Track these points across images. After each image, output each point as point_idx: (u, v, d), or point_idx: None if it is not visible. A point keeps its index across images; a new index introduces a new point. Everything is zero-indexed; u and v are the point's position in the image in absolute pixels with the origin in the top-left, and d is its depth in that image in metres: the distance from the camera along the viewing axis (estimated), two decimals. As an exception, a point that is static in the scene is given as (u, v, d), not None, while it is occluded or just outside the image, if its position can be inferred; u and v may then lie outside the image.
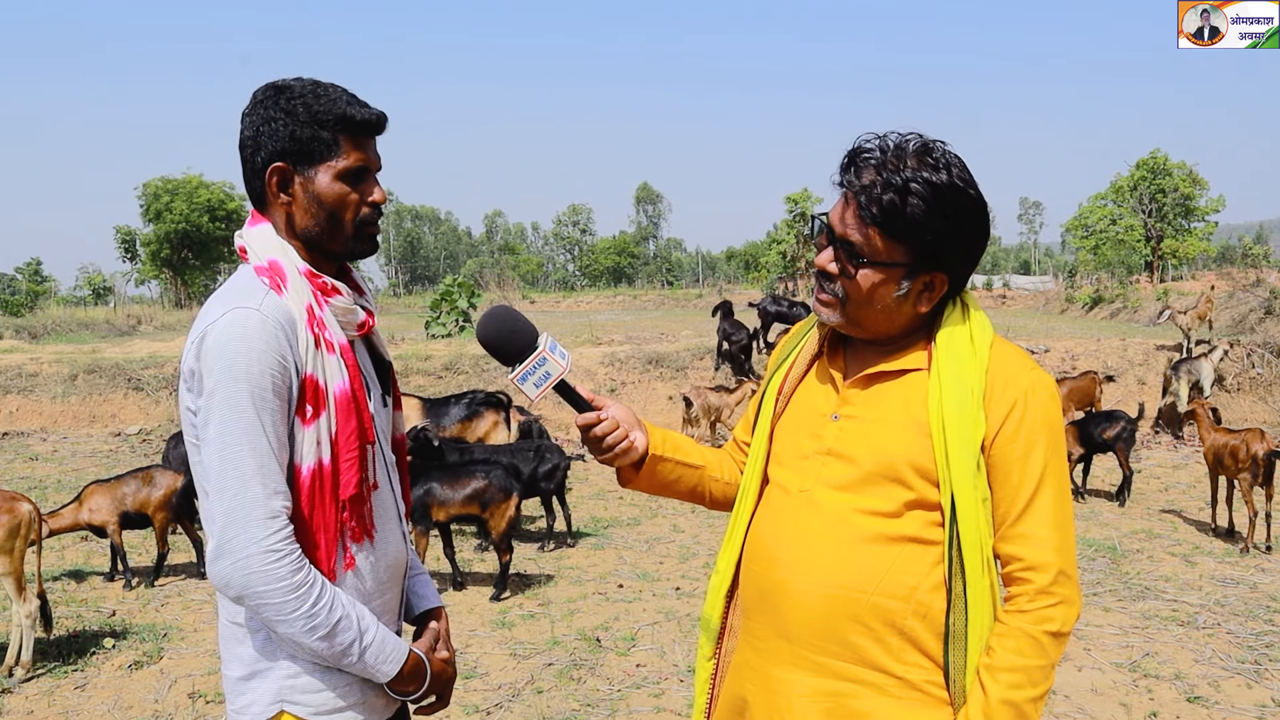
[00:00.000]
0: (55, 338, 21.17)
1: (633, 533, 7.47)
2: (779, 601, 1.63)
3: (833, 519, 1.61)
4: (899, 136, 1.58)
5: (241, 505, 1.50)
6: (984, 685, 1.52)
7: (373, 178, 1.69)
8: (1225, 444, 6.83)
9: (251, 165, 1.64)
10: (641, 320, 25.21)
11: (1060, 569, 1.53)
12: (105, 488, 6.20)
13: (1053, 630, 1.52)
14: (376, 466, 1.71)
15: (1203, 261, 38.39)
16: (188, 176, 40.02)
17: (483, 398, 8.57)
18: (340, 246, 1.68)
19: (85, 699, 4.47)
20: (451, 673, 1.84)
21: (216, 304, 1.57)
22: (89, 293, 49.95)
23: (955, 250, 1.57)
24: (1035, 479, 1.54)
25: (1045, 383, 1.59)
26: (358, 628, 1.59)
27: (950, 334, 1.61)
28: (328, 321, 1.63)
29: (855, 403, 1.66)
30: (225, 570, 1.51)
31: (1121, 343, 13.35)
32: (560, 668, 4.74)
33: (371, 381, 1.77)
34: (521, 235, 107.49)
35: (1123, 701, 4.30)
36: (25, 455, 10.94)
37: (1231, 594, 5.77)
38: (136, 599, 5.93)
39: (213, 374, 1.51)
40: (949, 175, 1.53)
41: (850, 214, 1.56)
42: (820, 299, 1.66)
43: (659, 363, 12.57)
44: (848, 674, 1.58)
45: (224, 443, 1.51)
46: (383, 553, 1.72)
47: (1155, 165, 33.85)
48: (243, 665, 1.63)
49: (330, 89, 1.64)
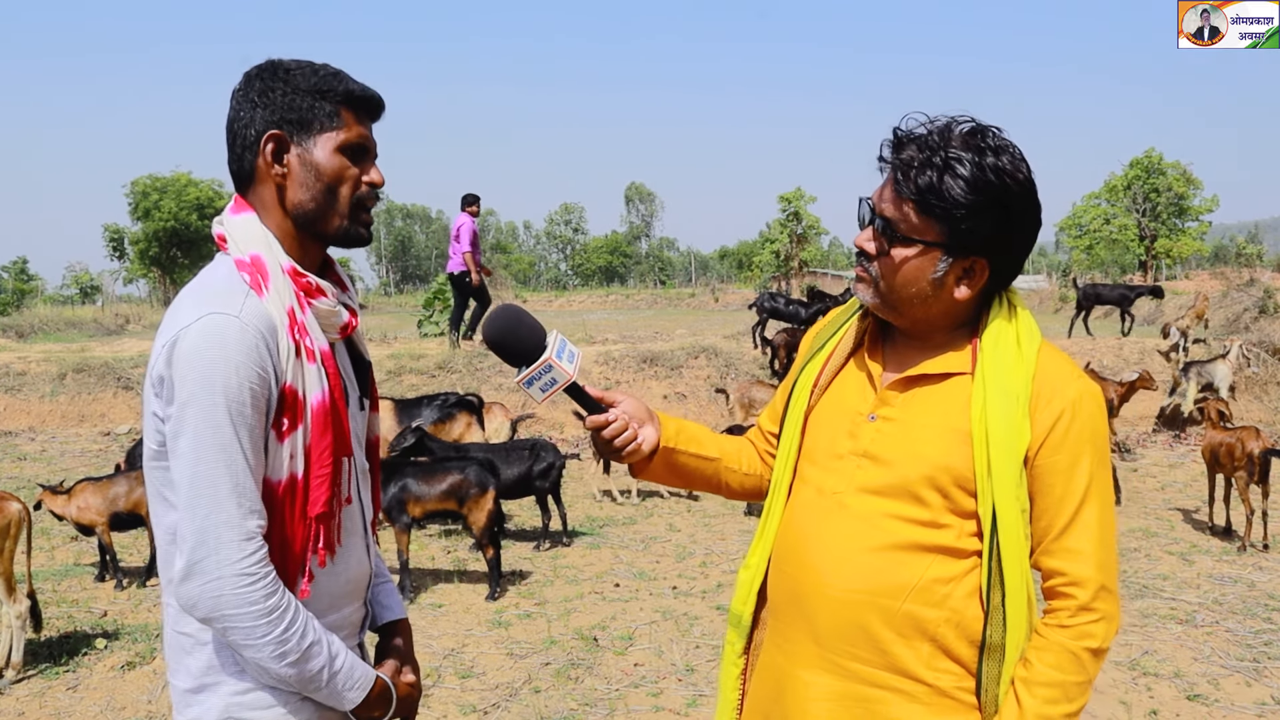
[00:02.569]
0: (43, 337, 21.05)
1: (629, 532, 7.44)
2: (809, 604, 1.60)
3: (866, 524, 1.57)
4: (948, 117, 1.54)
5: (215, 526, 1.42)
6: (1019, 699, 1.49)
7: (372, 159, 1.62)
8: (1221, 442, 6.82)
9: (243, 139, 1.56)
10: (635, 319, 25.23)
11: (1103, 584, 1.50)
12: (96, 486, 6.12)
13: (1093, 647, 1.49)
14: (350, 479, 1.63)
15: (1196, 261, 38.47)
16: (176, 174, 39.96)
17: (455, 399, 8.50)
18: (333, 227, 1.59)
19: (77, 700, 4.41)
20: (417, 694, 1.77)
21: (191, 304, 1.47)
22: (76, 291, 49.73)
23: (997, 236, 1.51)
24: (1081, 492, 1.50)
25: (1093, 393, 1.55)
26: (328, 654, 1.52)
27: (996, 336, 1.56)
28: (309, 326, 1.54)
29: (894, 404, 1.61)
30: (193, 591, 1.43)
31: (1117, 342, 13.37)
32: (557, 667, 4.70)
33: (350, 386, 1.69)
34: (513, 234, 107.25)
35: (1122, 699, 4.29)
36: (13, 455, 10.85)
37: (1230, 592, 5.76)
38: (128, 599, 5.87)
39: (186, 384, 1.42)
40: (996, 159, 1.48)
41: (889, 189, 1.54)
42: (858, 276, 1.62)
43: (654, 361, 12.54)
44: (876, 679, 1.54)
45: (197, 458, 1.42)
46: (343, 568, 1.64)
47: (1149, 164, 33.91)
48: (191, 677, 1.55)
49: (328, 66, 1.60)
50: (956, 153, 1.47)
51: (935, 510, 1.53)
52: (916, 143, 1.51)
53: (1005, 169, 1.49)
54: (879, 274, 1.56)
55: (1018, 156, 1.52)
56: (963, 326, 1.61)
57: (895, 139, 1.54)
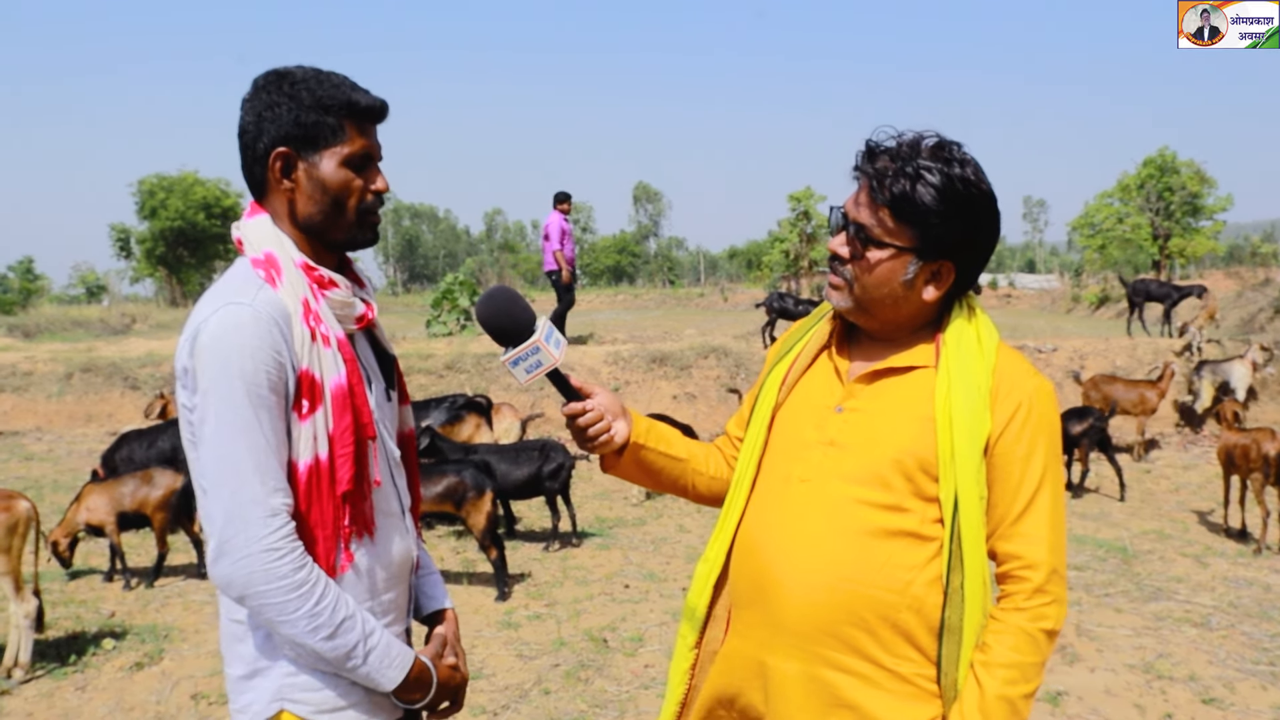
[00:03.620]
0: (49, 336, 21.12)
1: (638, 533, 7.41)
2: (774, 591, 1.65)
3: (832, 509, 1.63)
4: (915, 133, 1.64)
5: (240, 504, 1.48)
6: (980, 681, 1.55)
7: (376, 165, 1.68)
8: (1236, 443, 6.77)
9: (253, 152, 1.62)
10: (643, 319, 25.19)
11: (1054, 567, 1.59)
12: (103, 487, 6.13)
13: (1047, 628, 1.57)
14: (378, 462, 1.67)
15: (1211, 261, 38.22)
16: (183, 174, 40.00)
17: (464, 401, 8.49)
18: (342, 234, 1.66)
19: (86, 700, 4.40)
20: (460, 678, 1.81)
21: (209, 300, 1.56)
22: (82, 291, 49.91)
23: (963, 241, 1.62)
24: (1036, 480, 1.59)
25: (1047, 388, 1.66)
26: (362, 630, 1.57)
27: (959, 334, 1.66)
28: (324, 315, 1.61)
29: (860, 396, 1.69)
30: (226, 570, 1.49)
31: (1130, 342, 13.29)
32: (567, 669, 4.68)
33: (373, 375, 1.75)
34: (521, 233, 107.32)
35: (1137, 703, 4.25)
36: (20, 455, 10.87)
37: (1245, 595, 5.71)
38: (136, 599, 5.86)
39: (207, 372, 1.49)
40: (962, 170, 1.60)
41: (864, 196, 1.63)
42: (831, 283, 1.70)
43: (663, 361, 12.50)
44: (840, 664, 1.60)
45: (220, 440, 1.49)
46: (384, 550, 1.70)
47: (1163, 163, 33.60)
48: (243, 664, 1.61)
49: (333, 75, 1.64)
50: (926, 164, 1.58)
51: (899, 495, 1.60)
52: (888, 154, 1.61)
53: (970, 179, 1.60)
54: (853, 276, 1.65)
55: (979, 169, 1.63)
56: (927, 327, 1.70)
57: (868, 150, 1.64)
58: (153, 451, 7.48)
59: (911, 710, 1.59)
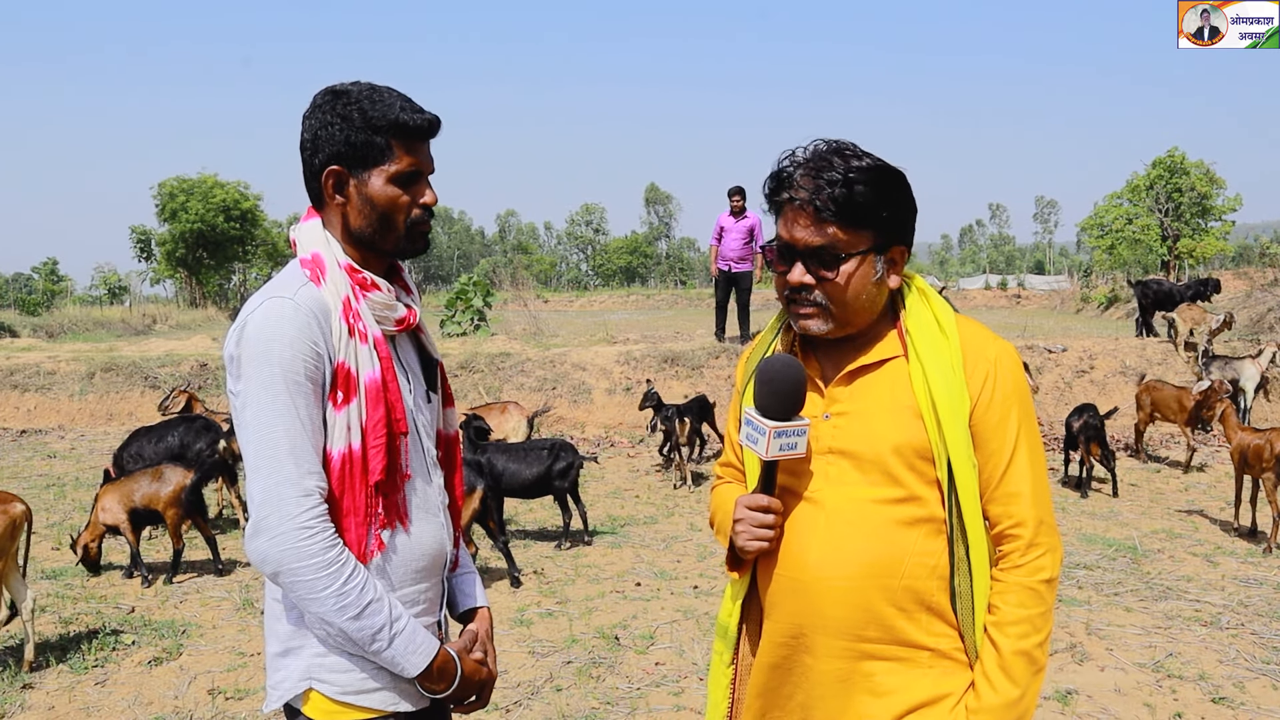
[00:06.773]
0: (72, 336, 21.32)
1: (650, 531, 7.45)
2: (812, 598, 1.69)
3: (850, 514, 1.67)
4: (804, 150, 1.68)
5: (276, 484, 1.56)
6: (995, 641, 1.63)
7: (425, 180, 1.75)
8: (1250, 443, 6.77)
9: (310, 167, 1.71)
10: (655, 319, 25.23)
11: (1041, 519, 1.65)
12: (115, 486, 6.21)
13: (1046, 578, 1.64)
14: (411, 457, 1.74)
15: (1220, 261, 38.00)
16: (203, 176, 40.26)
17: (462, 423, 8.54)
18: (392, 246, 1.74)
19: (106, 695, 4.48)
20: (487, 673, 1.85)
21: (258, 295, 1.66)
22: (104, 292, 50.29)
23: (902, 220, 1.68)
24: (1013, 440, 1.66)
25: (1010, 351, 1.71)
26: (389, 614, 1.62)
27: (918, 319, 1.71)
28: (363, 313, 1.69)
29: (842, 400, 1.72)
30: (261, 547, 1.56)
31: (1140, 342, 13.25)
32: (579, 666, 4.72)
33: (413, 376, 1.82)
34: (534, 235, 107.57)
35: (1146, 702, 4.26)
36: (44, 453, 11.00)
37: (1255, 594, 5.71)
38: (155, 595, 5.95)
39: (249, 360, 1.58)
40: (871, 159, 1.65)
41: (804, 220, 1.64)
42: (802, 314, 1.70)
43: (675, 361, 12.54)
44: (882, 653, 1.66)
45: (259, 424, 1.57)
46: (416, 543, 1.75)
47: (1172, 164, 33.45)
48: (279, 641, 1.69)
49: (386, 94, 1.70)
50: (844, 167, 1.62)
51: (909, 486, 1.66)
52: (805, 174, 1.63)
53: (881, 164, 1.66)
54: (826, 299, 1.67)
55: (875, 155, 1.68)
56: (884, 316, 1.75)
57: (782, 179, 1.66)
58: (161, 447, 7.54)
59: (948, 682, 1.66)
